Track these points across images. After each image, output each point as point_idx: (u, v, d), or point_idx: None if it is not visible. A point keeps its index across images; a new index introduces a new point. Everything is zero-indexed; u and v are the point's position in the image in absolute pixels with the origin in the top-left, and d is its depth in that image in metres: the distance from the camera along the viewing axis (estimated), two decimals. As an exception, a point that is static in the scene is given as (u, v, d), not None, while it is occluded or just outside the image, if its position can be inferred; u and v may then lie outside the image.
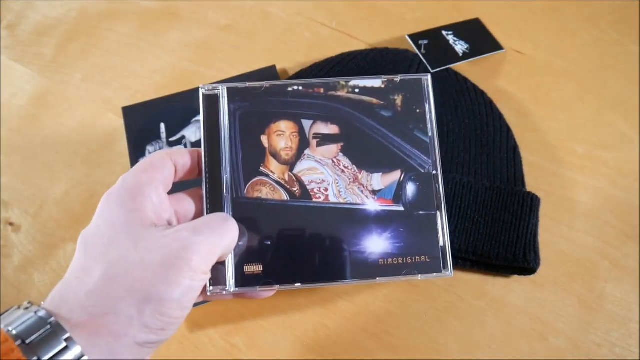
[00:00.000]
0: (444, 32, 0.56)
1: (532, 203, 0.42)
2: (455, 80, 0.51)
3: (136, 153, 0.49)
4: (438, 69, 0.51)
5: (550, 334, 0.40)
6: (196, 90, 0.52)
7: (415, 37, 0.55)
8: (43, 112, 0.55)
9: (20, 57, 0.59)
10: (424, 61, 0.52)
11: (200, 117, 0.35)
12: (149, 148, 0.49)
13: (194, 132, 0.49)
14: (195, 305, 0.40)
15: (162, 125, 0.50)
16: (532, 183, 0.46)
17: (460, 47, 0.54)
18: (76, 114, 0.54)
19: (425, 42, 0.54)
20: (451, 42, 0.55)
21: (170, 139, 0.49)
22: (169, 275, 0.26)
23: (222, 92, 0.35)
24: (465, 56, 0.53)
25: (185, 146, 0.49)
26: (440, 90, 0.50)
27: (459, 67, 0.53)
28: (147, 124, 0.51)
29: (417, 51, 0.53)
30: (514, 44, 0.56)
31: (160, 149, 0.49)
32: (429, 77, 0.37)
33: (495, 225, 0.41)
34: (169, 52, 0.58)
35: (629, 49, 0.55)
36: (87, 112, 0.54)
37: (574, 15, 0.57)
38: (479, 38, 0.56)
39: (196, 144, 0.49)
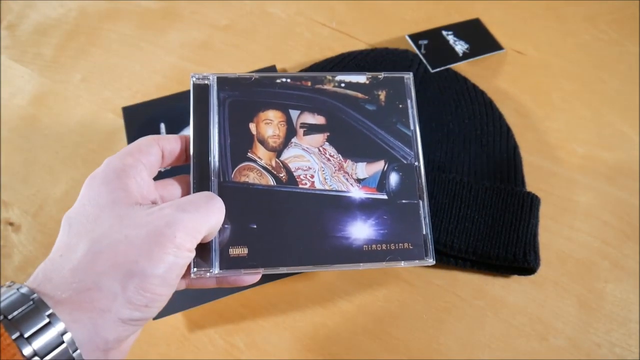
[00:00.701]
0: (444, 32, 0.56)
1: (532, 203, 0.42)
2: (455, 80, 0.51)
3: (136, 153, 0.49)
4: (438, 69, 0.51)
5: (550, 333, 0.40)
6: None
7: (415, 37, 0.55)
8: (43, 112, 0.55)
9: (20, 57, 0.59)
10: (424, 61, 0.52)
11: (190, 104, 0.35)
12: (149, 148, 0.49)
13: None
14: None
15: (162, 125, 0.50)
16: (532, 183, 0.46)
17: (460, 47, 0.54)
18: (76, 114, 0.54)
19: (425, 42, 0.54)
20: (451, 42, 0.55)
21: (170, 139, 0.49)
22: (153, 251, 0.25)
23: (213, 80, 0.36)
24: (465, 56, 0.53)
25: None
26: (440, 90, 0.50)
27: (459, 67, 0.53)
28: (147, 124, 0.51)
29: (417, 51, 0.53)
30: (514, 44, 0.56)
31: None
32: (411, 75, 0.39)
33: (495, 225, 0.41)
34: (169, 52, 0.58)
35: (628, 49, 0.55)
36: (87, 112, 0.54)
37: (573, 15, 0.58)
38: (479, 38, 0.56)
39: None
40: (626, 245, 0.43)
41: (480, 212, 0.42)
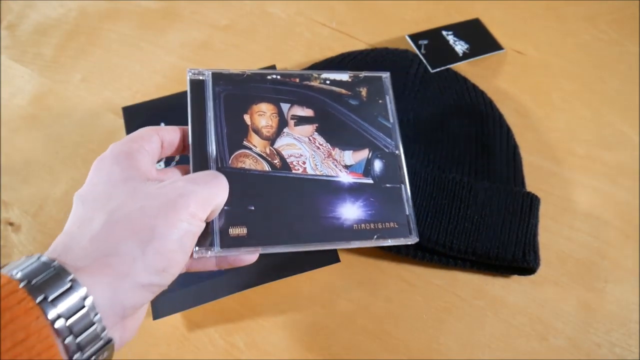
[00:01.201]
0: (443, 32, 0.56)
1: (531, 203, 0.42)
2: (455, 80, 0.51)
3: (136, 153, 0.49)
4: (438, 69, 0.51)
5: (550, 333, 0.40)
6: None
7: (415, 37, 0.55)
8: (43, 112, 0.55)
9: (20, 57, 0.59)
10: (424, 61, 0.52)
11: (188, 98, 0.37)
12: (149, 148, 0.49)
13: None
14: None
15: (162, 125, 0.50)
16: (532, 183, 0.46)
17: (460, 47, 0.54)
18: (76, 114, 0.54)
19: (425, 42, 0.54)
20: (451, 42, 0.55)
21: (170, 139, 0.49)
22: (168, 217, 0.27)
23: (208, 76, 0.39)
24: (465, 56, 0.53)
25: (185, 146, 0.49)
26: (440, 90, 0.50)
27: (459, 67, 0.53)
28: (146, 124, 0.50)
29: (417, 51, 0.53)
30: (514, 44, 0.56)
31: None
32: (389, 74, 0.43)
33: (495, 226, 0.41)
34: (169, 52, 0.58)
35: (628, 49, 0.55)
36: (87, 112, 0.54)
37: (573, 15, 0.58)
38: (479, 38, 0.56)
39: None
40: (626, 245, 0.43)
41: (480, 212, 0.42)
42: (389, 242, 0.36)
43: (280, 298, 0.42)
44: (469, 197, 0.42)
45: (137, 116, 0.52)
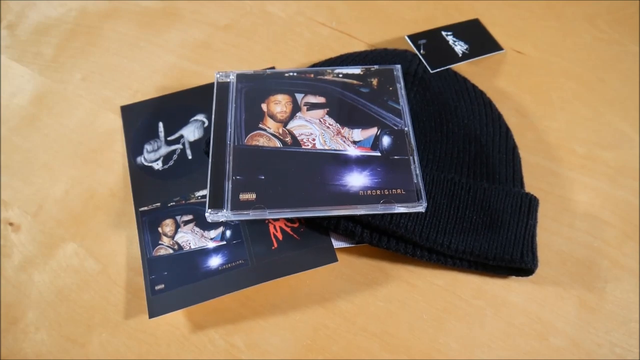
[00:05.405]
0: (443, 33, 0.56)
1: (530, 204, 0.42)
2: (454, 80, 0.51)
3: (134, 151, 0.49)
4: (438, 69, 0.51)
5: (550, 333, 0.40)
6: (194, 89, 0.54)
7: (414, 38, 0.55)
8: (43, 112, 0.55)
9: (20, 57, 0.59)
10: (423, 61, 0.52)
11: (214, 94, 0.44)
12: (147, 147, 0.49)
13: (192, 131, 0.49)
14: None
15: (161, 124, 0.50)
16: (532, 182, 0.46)
17: (459, 47, 0.54)
18: (76, 114, 0.54)
19: (425, 42, 0.54)
20: (450, 42, 0.55)
21: (169, 138, 0.49)
22: None
23: (233, 76, 0.45)
24: (465, 56, 0.53)
25: (184, 145, 0.49)
26: (439, 91, 0.50)
27: (459, 67, 0.53)
28: (145, 123, 0.51)
29: (416, 51, 0.53)
30: (514, 44, 0.56)
31: (158, 147, 0.49)
32: (399, 67, 0.46)
33: (493, 226, 0.41)
34: (169, 52, 0.58)
35: (628, 49, 0.55)
36: (87, 112, 0.54)
37: (573, 15, 0.58)
38: (479, 38, 0.56)
39: (195, 143, 0.49)
40: (626, 245, 0.43)
41: (479, 212, 0.42)
42: (396, 208, 0.37)
43: (280, 298, 0.42)
44: (467, 197, 0.42)
45: (136, 115, 0.52)
